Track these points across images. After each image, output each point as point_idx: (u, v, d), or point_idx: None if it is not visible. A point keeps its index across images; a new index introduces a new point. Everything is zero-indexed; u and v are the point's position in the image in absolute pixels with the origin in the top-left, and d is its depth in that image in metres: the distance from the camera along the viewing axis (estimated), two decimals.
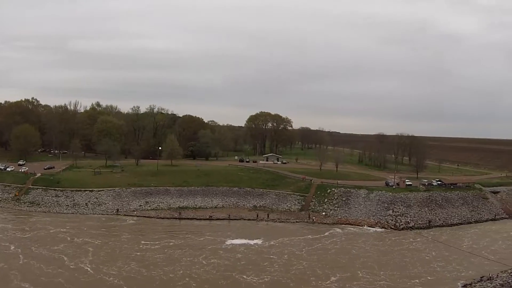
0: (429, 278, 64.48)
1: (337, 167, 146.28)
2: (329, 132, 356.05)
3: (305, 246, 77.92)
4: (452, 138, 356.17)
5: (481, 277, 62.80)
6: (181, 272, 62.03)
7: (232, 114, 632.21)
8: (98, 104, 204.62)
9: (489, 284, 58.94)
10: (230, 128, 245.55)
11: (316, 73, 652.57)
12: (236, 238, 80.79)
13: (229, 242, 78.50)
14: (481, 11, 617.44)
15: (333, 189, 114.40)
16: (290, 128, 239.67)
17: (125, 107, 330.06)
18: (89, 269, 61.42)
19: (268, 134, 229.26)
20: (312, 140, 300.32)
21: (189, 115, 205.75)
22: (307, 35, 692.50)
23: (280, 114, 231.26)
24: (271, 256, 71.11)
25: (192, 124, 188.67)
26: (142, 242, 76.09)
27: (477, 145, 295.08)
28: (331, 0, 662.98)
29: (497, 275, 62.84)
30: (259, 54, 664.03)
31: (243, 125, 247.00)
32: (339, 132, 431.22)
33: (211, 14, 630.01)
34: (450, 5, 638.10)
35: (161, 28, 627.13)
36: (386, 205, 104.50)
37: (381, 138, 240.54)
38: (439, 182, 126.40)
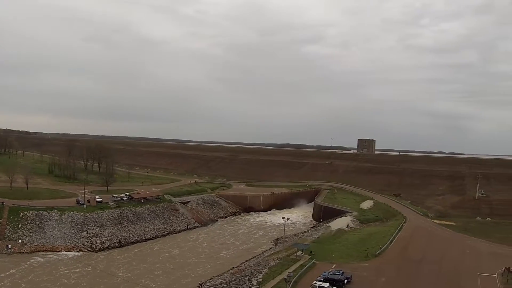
0: None
1: (27, 184, 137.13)
2: (18, 132, 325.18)
3: None
4: (144, 139, 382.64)
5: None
6: None
7: None
8: None
9: None
10: None
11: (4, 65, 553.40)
12: None
13: None
14: (183, 20, 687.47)
15: (26, 212, 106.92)
16: None
17: None
18: None
19: None
20: (1, 145, 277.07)
21: None
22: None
23: None
24: None
25: None
26: None
27: (167, 150, 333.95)
28: None
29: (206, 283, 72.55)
30: None
31: None
32: (29, 132, 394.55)
33: None
34: (154, 11, 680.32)
35: None
36: (79, 226, 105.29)
37: (71, 144, 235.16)
38: (129, 197, 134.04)
